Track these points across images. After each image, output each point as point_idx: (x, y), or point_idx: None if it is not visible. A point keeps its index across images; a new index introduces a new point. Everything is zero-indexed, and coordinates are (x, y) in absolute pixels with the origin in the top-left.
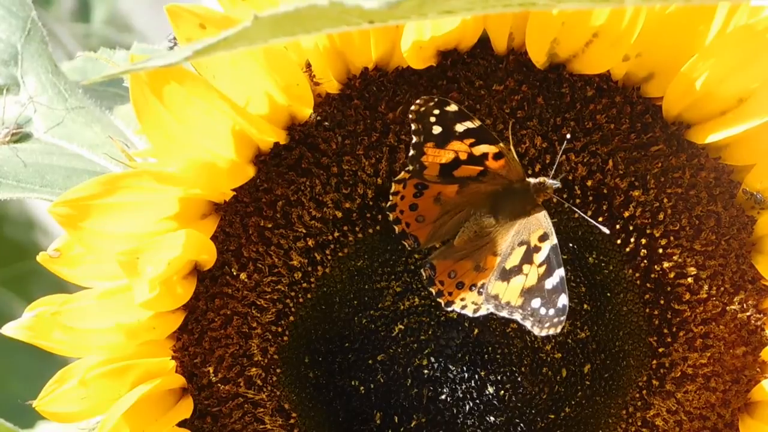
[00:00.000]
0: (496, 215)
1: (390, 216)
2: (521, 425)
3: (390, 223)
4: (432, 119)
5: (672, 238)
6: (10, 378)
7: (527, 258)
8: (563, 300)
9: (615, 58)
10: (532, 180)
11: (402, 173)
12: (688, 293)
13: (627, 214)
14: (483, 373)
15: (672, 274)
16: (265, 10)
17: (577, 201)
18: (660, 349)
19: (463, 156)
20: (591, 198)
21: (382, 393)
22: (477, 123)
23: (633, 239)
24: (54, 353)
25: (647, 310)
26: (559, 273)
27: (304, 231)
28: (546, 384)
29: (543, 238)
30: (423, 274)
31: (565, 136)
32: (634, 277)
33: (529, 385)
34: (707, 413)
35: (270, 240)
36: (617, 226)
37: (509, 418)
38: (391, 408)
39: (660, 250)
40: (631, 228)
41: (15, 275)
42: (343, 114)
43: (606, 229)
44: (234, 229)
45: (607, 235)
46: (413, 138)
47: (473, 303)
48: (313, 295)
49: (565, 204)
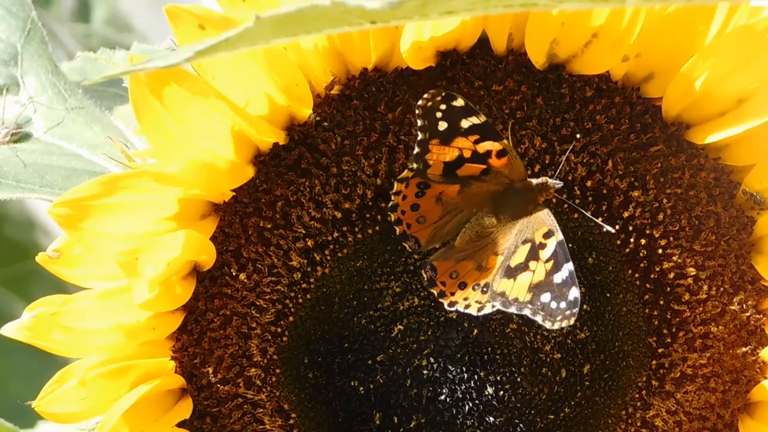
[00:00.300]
0: (497, 215)
1: (391, 217)
2: (521, 426)
3: (390, 224)
4: (438, 114)
5: (671, 238)
6: (9, 378)
7: (533, 255)
8: (575, 293)
9: (614, 58)
10: (533, 180)
11: (405, 172)
12: (687, 294)
13: (626, 214)
14: (482, 374)
15: (671, 274)
16: (265, 10)
17: (577, 201)
18: (659, 350)
19: (467, 154)
20: (590, 198)
21: (381, 393)
22: (483, 118)
23: (632, 240)
24: (53, 353)
25: (647, 310)
26: (568, 267)
27: (303, 231)
28: (545, 384)
29: (548, 234)
30: (423, 275)
31: (575, 135)
32: (633, 278)
33: (529, 386)
34: (707, 414)
35: (269, 240)
36: (617, 226)
37: (509, 418)
38: (391, 408)
39: (660, 250)
40: (631, 228)
41: (15, 275)
42: (343, 114)
43: (611, 228)
44: (233, 230)
45: (607, 236)
46: (419, 135)
47: (477, 302)
48: (313, 296)
49: (565, 204)
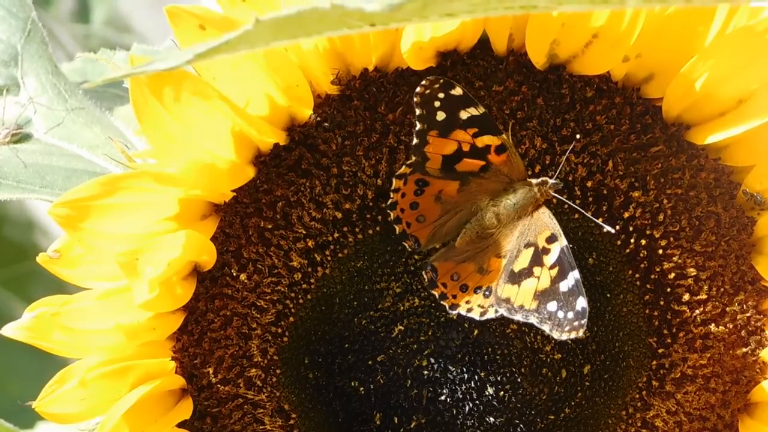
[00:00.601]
0: (497, 215)
1: (390, 215)
2: (521, 426)
3: (390, 224)
4: (437, 104)
5: (672, 239)
6: (10, 378)
7: (536, 260)
8: (582, 303)
9: (615, 59)
10: (533, 180)
11: (403, 168)
12: (687, 294)
13: (627, 215)
14: (483, 374)
15: (672, 275)
16: (265, 10)
17: (577, 202)
18: (660, 350)
19: (466, 147)
20: (591, 199)
21: (381, 394)
22: (481, 110)
23: (633, 240)
24: (54, 354)
25: (647, 310)
26: (574, 275)
27: (303, 232)
28: (546, 385)
29: (551, 239)
30: (424, 276)
31: (574, 136)
32: (634, 278)
33: (529, 386)
34: (707, 414)
35: (270, 241)
36: (617, 226)
37: (509, 418)
38: (391, 409)
39: (660, 251)
40: (631, 229)
41: (15, 276)
42: (343, 115)
43: (611, 228)
44: (234, 230)
45: (607, 236)
46: (417, 125)
47: (479, 306)
48: (313, 296)
49: (566, 204)
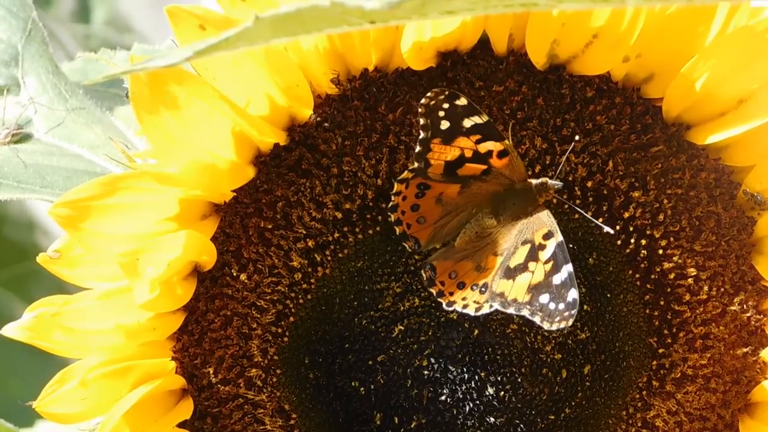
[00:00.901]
0: (497, 216)
1: (391, 217)
2: (521, 426)
3: (390, 224)
4: (441, 113)
5: (672, 239)
6: (10, 378)
7: (532, 256)
8: (573, 294)
9: (615, 59)
10: (533, 180)
11: (405, 173)
12: (688, 294)
13: (627, 215)
14: (483, 374)
15: (672, 275)
16: (265, 10)
17: (577, 202)
18: (660, 350)
19: (469, 153)
20: (591, 199)
21: (382, 394)
22: (485, 118)
23: (633, 240)
24: (54, 354)
25: (647, 311)
26: (567, 268)
27: (304, 232)
28: (546, 385)
29: (548, 236)
30: (423, 275)
31: (574, 136)
32: (634, 278)
33: (529, 386)
34: (707, 414)
35: (270, 241)
36: (617, 227)
37: (509, 418)
38: (391, 409)
39: (660, 251)
40: (631, 229)
41: (15, 276)
42: (343, 115)
43: (610, 229)
44: (234, 230)
45: (607, 236)
46: (420, 133)
47: (475, 302)
48: (313, 296)
49: (566, 205)
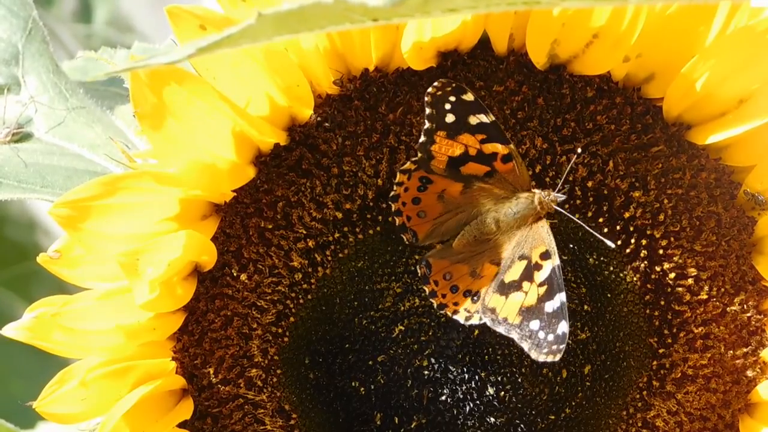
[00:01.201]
0: (497, 222)
1: (392, 207)
2: (522, 426)
3: (390, 224)
4: (447, 106)
5: (672, 239)
6: (10, 378)
7: (527, 275)
8: (563, 327)
9: (615, 59)
10: (536, 191)
11: (408, 163)
12: (688, 294)
13: (627, 215)
14: (483, 374)
15: (672, 275)
16: (266, 9)
17: (578, 202)
18: (660, 350)
19: (473, 152)
20: (591, 199)
21: (382, 394)
22: (491, 118)
23: (633, 240)
24: (54, 354)
25: (648, 311)
26: (561, 297)
27: (304, 232)
28: (546, 385)
29: (545, 256)
30: (418, 270)
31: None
32: (634, 278)
33: (530, 386)
34: (708, 414)
35: (270, 241)
36: (618, 227)
37: (509, 418)
38: (392, 409)
39: (660, 251)
40: (632, 229)
41: (16, 276)
42: (344, 115)
43: (611, 243)
44: (234, 230)
45: (608, 237)
46: (425, 123)
47: (465, 310)
48: (314, 296)
49: (568, 206)
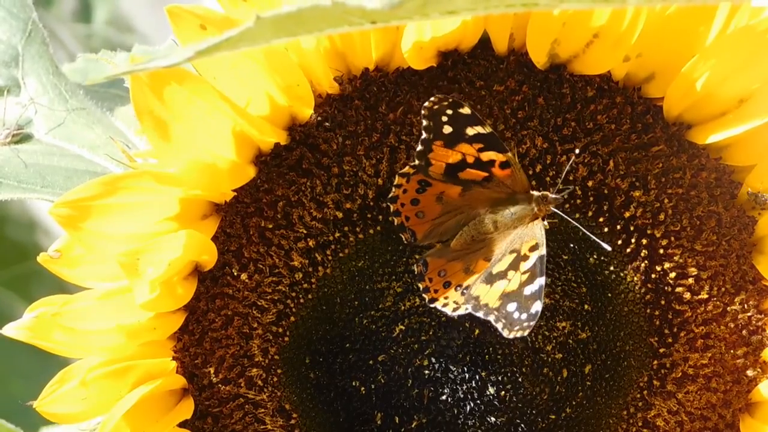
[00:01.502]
0: (495, 222)
1: (391, 207)
2: (522, 426)
3: (391, 224)
4: (444, 118)
5: (673, 238)
6: (11, 378)
7: (514, 265)
8: (537, 306)
9: (616, 58)
10: (535, 193)
11: (407, 167)
12: (689, 294)
13: (628, 214)
14: (484, 374)
15: (673, 274)
16: (266, 10)
17: (578, 201)
18: (661, 350)
19: (470, 159)
20: (592, 198)
21: (382, 393)
22: (488, 129)
23: (634, 240)
24: (55, 354)
25: (648, 310)
26: (540, 281)
27: (304, 231)
28: (547, 384)
29: (534, 248)
30: (415, 269)
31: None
32: (635, 278)
33: (530, 386)
34: (708, 414)
35: (271, 240)
36: (618, 226)
37: (510, 418)
38: (392, 408)
39: (661, 250)
40: (632, 228)
41: (16, 276)
42: (344, 114)
43: (607, 246)
44: (235, 230)
45: (608, 236)
46: (423, 133)
47: (454, 302)
48: (314, 296)
49: (567, 205)
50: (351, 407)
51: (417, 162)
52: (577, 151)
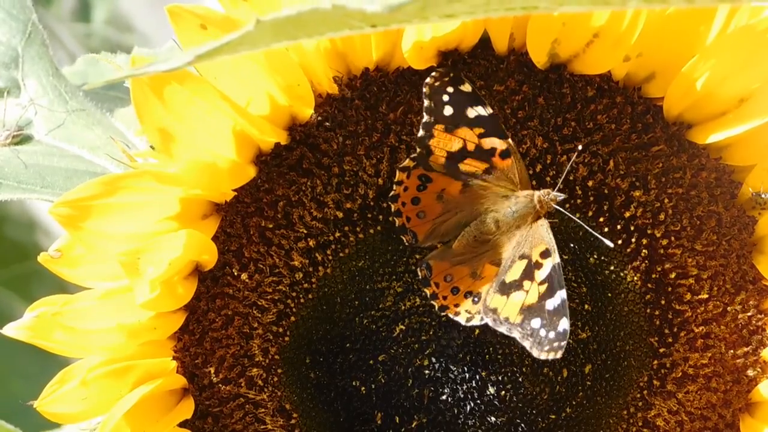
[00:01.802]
0: (497, 221)
1: (392, 207)
2: (522, 425)
3: (391, 224)
4: (445, 98)
5: (673, 238)
6: (10, 378)
7: (528, 274)
8: (564, 324)
9: (616, 58)
10: (536, 190)
11: (407, 160)
12: (689, 293)
13: (628, 214)
14: (484, 374)
15: (673, 274)
16: (266, 10)
17: (578, 201)
18: (661, 350)
19: (471, 147)
20: (592, 198)
21: (383, 393)
22: (489, 110)
23: (634, 239)
24: (55, 353)
25: (648, 310)
26: (561, 295)
27: (305, 231)
28: (547, 384)
29: (545, 254)
30: (419, 273)
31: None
32: (635, 278)
33: (530, 386)
34: (708, 413)
35: (271, 240)
36: (618, 226)
37: (510, 418)
38: (392, 408)
39: (661, 250)
40: (632, 228)
41: (16, 276)
42: (344, 114)
43: (610, 243)
44: (235, 230)
45: (608, 236)
46: (424, 116)
47: (467, 311)
48: (314, 296)
49: (568, 205)
50: (351, 407)
51: (418, 150)
52: (579, 149)
